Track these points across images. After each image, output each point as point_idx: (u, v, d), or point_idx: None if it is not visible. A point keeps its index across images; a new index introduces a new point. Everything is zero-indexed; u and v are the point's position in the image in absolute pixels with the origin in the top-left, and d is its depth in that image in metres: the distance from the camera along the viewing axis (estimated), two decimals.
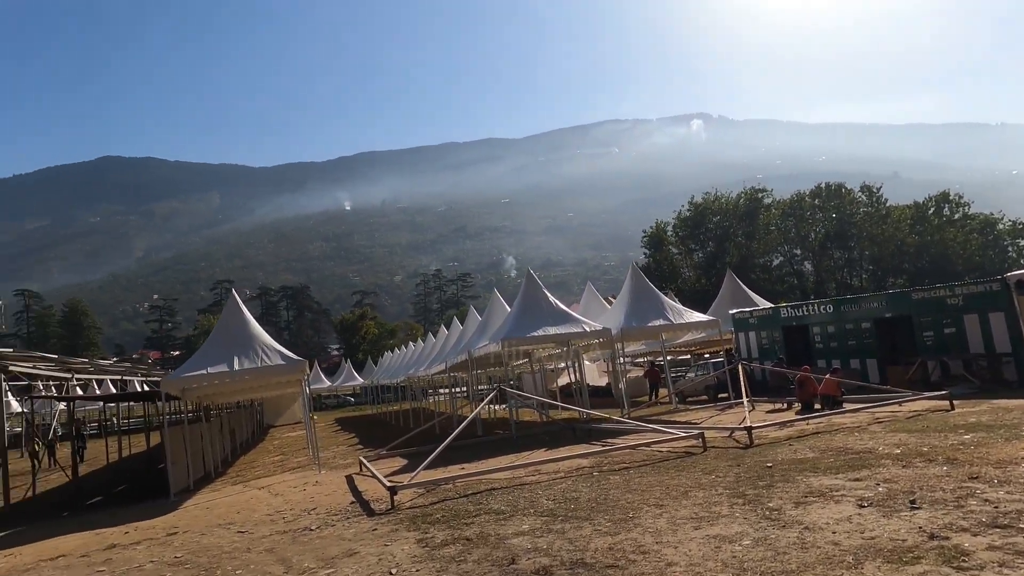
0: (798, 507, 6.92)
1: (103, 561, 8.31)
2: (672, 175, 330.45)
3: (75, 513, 13.08)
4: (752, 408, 17.91)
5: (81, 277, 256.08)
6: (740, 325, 23.54)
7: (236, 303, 16.88)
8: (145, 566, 7.85)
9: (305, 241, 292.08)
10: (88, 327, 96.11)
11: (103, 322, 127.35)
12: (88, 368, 21.52)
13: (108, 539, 9.62)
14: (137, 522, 10.77)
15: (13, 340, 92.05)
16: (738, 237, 59.99)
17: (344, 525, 8.92)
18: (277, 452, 23.59)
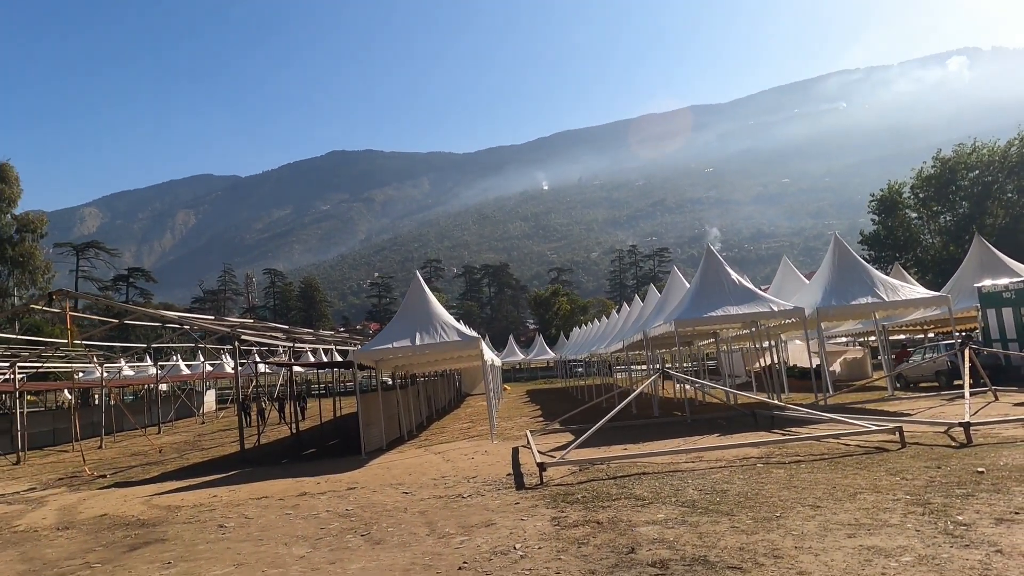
0: (999, 524, 5.72)
1: (292, 506, 9.78)
2: (921, 127, 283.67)
3: (292, 461, 15.51)
4: (994, 399, 15.00)
5: (316, 258, 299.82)
6: (990, 300, 19.47)
7: (419, 284, 18.39)
8: (321, 514, 9.07)
9: (506, 221, 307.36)
10: (320, 300, 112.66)
11: (333, 296, 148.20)
12: (310, 338, 25.26)
13: (303, 487, 11.27)
14: (330, 475, 12.45)
15: (263, 311, 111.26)
16: (1007, 193, 49.02)
17: (493, 496, 9.38)
18: (467, 420, 25.36)
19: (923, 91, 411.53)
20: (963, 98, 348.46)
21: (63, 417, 24.66)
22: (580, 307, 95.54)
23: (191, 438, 23.69)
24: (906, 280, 21.94)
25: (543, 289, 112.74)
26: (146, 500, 11.23)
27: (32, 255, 54.70)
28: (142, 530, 8.87)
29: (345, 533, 7.91)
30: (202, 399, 37.36)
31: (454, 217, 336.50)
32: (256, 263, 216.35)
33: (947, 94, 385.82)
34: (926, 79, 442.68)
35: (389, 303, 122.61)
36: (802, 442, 11.07)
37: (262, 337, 19.09)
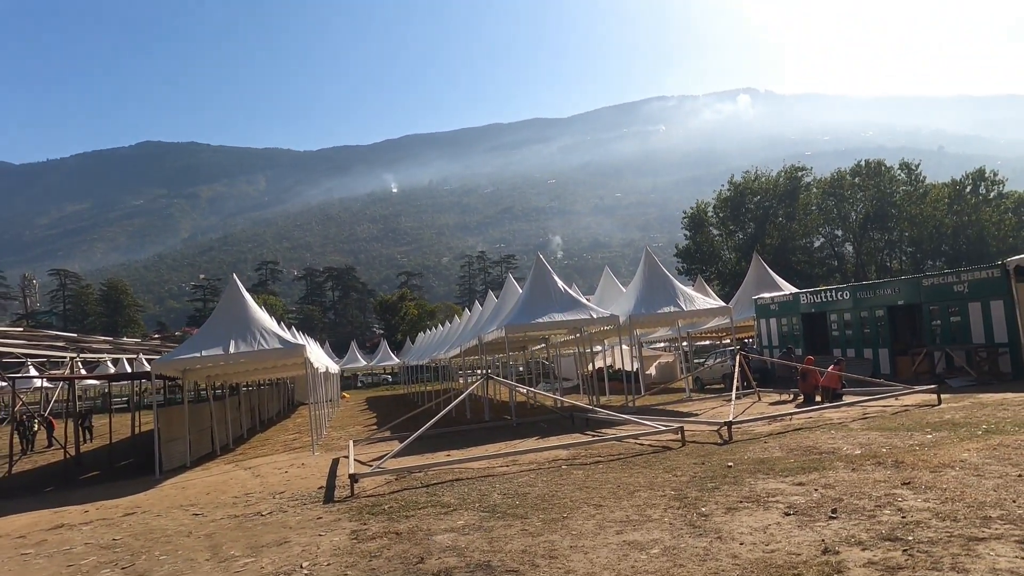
0: (727, 513, 6.61)
1: (36, 543, 8.38)
2: (723, 152, 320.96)
3: (62, 489, 13.57)
4: (758, 399, 17.32)
5: (126, 257, 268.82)
6: (762, 312, 22.67)
7: (237, 287, 17.14)
8: (76, 548, 7.95)
9: (353, 223, 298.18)
10: (128, 305, 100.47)
11: (148, 300, 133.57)
12: (107, 347, 22.46)
13: (62, 519, 9.84)
14: (106, 500, 11.06)
15: (48, 316, 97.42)
16: (778, 218, 57.83)
17: (296, 512, 8.90)
18: (294, 430, 24.08)
19: (721, 121, 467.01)
20: (749, 130, 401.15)
21: None
22: (428, 312, 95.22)
23: None
24: (706, 292, 24.78)
25: (391, 293, 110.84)
26: None
27: None
28: None
29: (100, 568, 6.99)
30: None
31: (295, 217, 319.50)
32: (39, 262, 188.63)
33: (738, 126, 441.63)
34: (724, 110, 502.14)
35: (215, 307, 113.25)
36: (606, 443, 11.85)
37: (32, 348, 16.50)
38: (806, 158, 67.62)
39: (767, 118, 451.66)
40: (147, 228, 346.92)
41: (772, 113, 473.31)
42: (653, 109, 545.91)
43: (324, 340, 64.04)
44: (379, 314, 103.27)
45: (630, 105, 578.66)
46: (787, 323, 21.91)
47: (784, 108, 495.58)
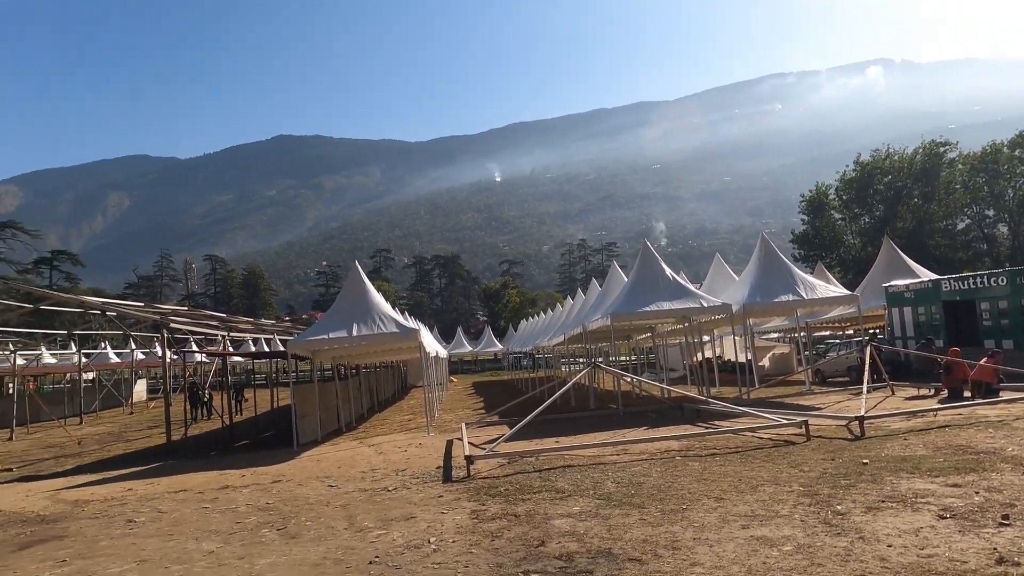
0: (867, 513, 6.18)
1: (211, 499, 9.52)
2: (846, 131, 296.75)
3: (222, 454, 15.08)
4: (891, 394, 16.02)
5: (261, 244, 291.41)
6: (894, 300, 20.74)
7: (359, 275, 18.11)
8: (240, 507, 8.86)
9: (458, 212, 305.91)
10: (264, 289, 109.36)
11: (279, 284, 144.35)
12: (250, 327, 24.54)
13: (227, 480, 10.98)
14: (257, 467, 12.16)
15: (203, 298, 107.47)
16: (913, 199, 52.35)
17: (418, 489, 9.35)
18: (409, 412, 25.20)
19: (846, 96, 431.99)
20: (880, 105, 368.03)
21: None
22: (529, 300, 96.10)
23: (116, 429, 22.72)
24: (827, 279, 23.09)
25: (494, 281, 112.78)
26: (51, 495, 10.71)
27: None
28: (39, 527, 8.46)
29: (261, 527, 7.75)
30: (131, 388, 35.82)
31: (405, 206, 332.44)
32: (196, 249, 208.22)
33: (867, 100, 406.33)
34: (849, 85, 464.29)
35: (336, 292, 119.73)
36: (720, 435, 11.48)
37: (196, 326, 18.41)
38: (948, 132, 60.17)
39: (901, 90, 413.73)
40: (279, 217, 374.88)
41: (907, 84, 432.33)
42: (768, 87, 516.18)
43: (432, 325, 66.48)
44: (483, 301, 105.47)
45: (742, 84, 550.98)
46: (925, 312, 19.93)
47: (923, 78, 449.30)
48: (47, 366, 34.31)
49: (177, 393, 24.97)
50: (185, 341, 23.20)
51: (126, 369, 37.78)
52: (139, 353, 38.56)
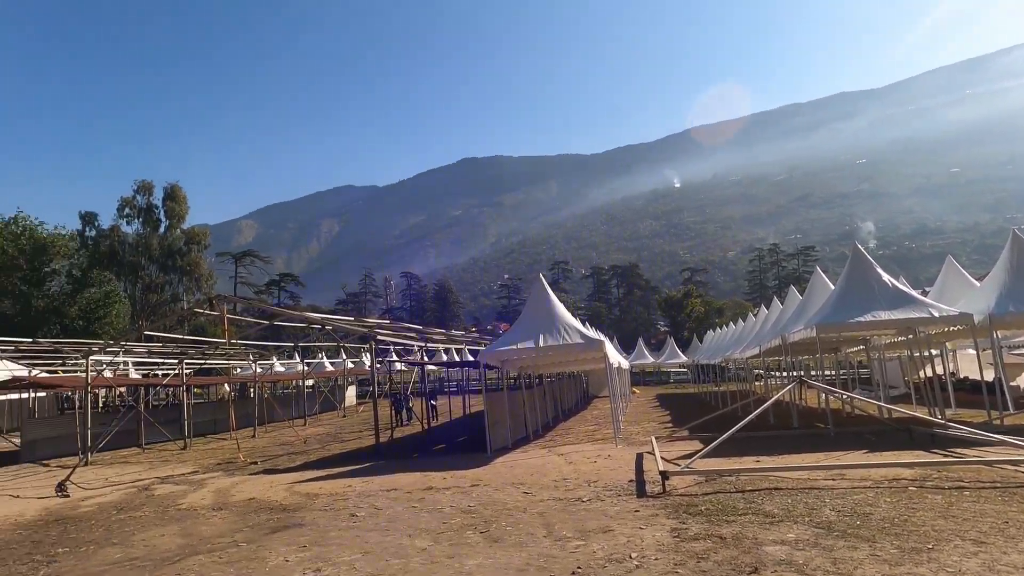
0: None
1: (419, 499, 10.27)
2: None
3: (423, 456, 16.29)
4: None
5: (449, 261, 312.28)
6: None
7: (543, 287, 18.60)
8: (445, 509, 9.44)
9: (635, 220, 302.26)
10: (453, 302, 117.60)
11: (465, 297, 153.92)
12: (442, 338, 26.36)
13: (430, 482, 11.79)
14: (455, 471, 12.92)
15: (400, 312, 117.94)
16: None
17: (613, 502, 9.25)
18: (593, 422, 25.17)
19: None
20: None
21: (222, 409, 27.66)
22: (715, 309, 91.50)
23: (332, 430, 25.63)
24: None
25: (675, 290, 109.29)
26: (289, 487, 12.31)
27: (198, 264, 62.04)
28: (283, 514, 9.74)
29: (465, 529, 8.18)
30: (343, 394, 40.27)
31: (581, 218, 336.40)
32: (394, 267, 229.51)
33: None
34: None
35: (518, 304, 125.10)
36: (968, 466, 9.82)
37: (397, 337, 20.28)
38: None
39: None
40: (464, 235, 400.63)
41: None
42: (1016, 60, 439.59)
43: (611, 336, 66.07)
44: (664, 311, 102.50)
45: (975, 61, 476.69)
46: None
47: None
48: (278, 374, 39.89)
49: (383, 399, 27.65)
50: (386, 351, 25.72)
51: (339, 376, 42.62)
52: (349, 362, 43.28)
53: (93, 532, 9.19)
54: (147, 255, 60.35)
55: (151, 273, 60.80)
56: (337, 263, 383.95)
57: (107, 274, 54.87)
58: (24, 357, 30.56)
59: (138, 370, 35.69)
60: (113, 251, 58.37)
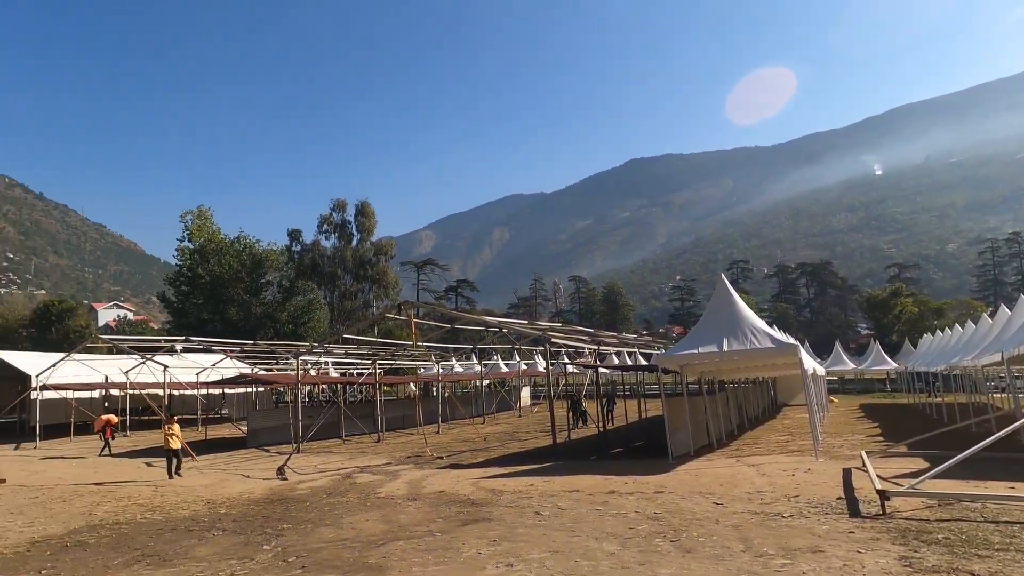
0: None
1: (602, 502, 10.13)
2: None
3: (600, 459, 16.16)
4: None
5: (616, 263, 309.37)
6: None
7: (726, 287, 17.59)
8: (629, 514, 9.20)
9: (826, 214, 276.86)
10: (623, 304, 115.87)
11: (635, 300, 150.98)
12: (614, 341, 26.07)
13: (611, 485, 11.60)
14: (636, 476, 12.59)
15: (569, 315, 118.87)
16: None
17: (820, 520, 8.39)
18: (784, 432, 23.36)
19: None
20: None
21: (409, 406, 29.82)
22: (932, 310, 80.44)
23: (510, 429, 26.43)
24: None
25: (879, 288, 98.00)
26: (474, 482, 12.82)
27: (385, 273, 67.85)
28: (472, 508, 10.13)
29: (654, 536, 7.88)
30: (518, 395, 41.51)
31: (762, 214, 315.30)
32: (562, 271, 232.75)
33: None
34: None
35: (692, 306, 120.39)
36: None
37: (569, 340, 20.40)
38: None
39: None
40: (632, 237, 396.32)
41: None
42: None
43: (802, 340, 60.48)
44: (866, 312, 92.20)
45: None
46: None
47: None
48: (457, 374, 42.24)
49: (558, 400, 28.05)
50: (557, 354, 25.92)
51: (513, 378, 44.05)
52: (523, 364, 44.54)
53: (309, 512, 10.29)
54: (342, 266, 67.17)
55: (346, 282, 67.56)
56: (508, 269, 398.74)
57: (310, 284, 62.10)
58: (248, 357, 35.61)
59: (336, 369, 39.85)
60: (314, 263, 65.78)
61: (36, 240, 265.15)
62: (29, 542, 8.99)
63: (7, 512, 11.38)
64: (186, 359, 29.77)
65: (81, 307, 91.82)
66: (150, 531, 9.39)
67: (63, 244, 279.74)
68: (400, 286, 73.32)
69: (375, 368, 28.02)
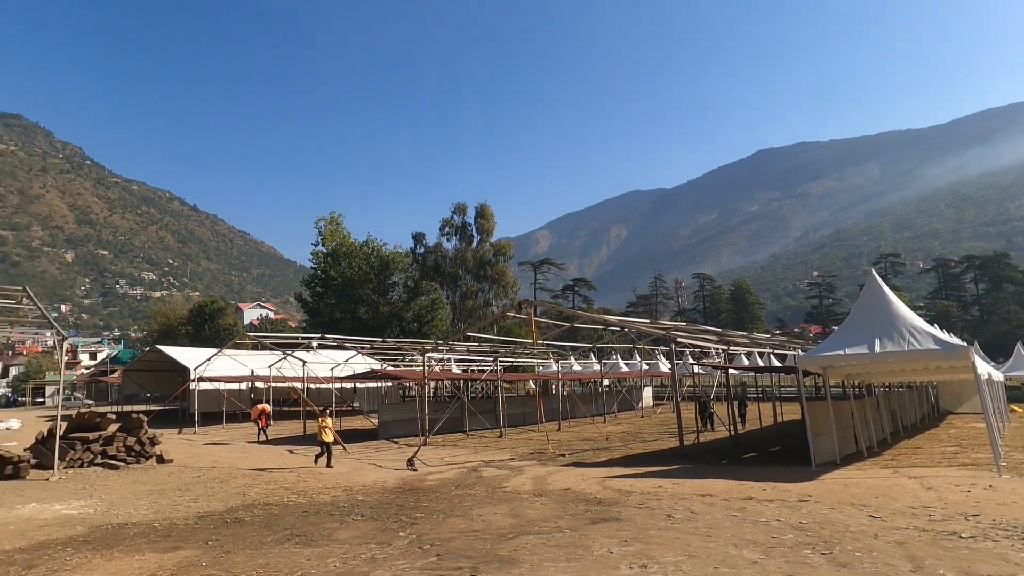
0: None
1: (738, 508, 9.61)
2: None
3: (731, 463, 15.40)
4: None
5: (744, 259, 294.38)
6: None
7: (876, 283, 16.14)
8: (771, 522, 8.64)
9: (1000, 200, 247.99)
10: (752, 303, 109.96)
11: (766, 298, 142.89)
12: (744, 341, 24.80)
13: (747, 491, 10.99)
14: (775, 483, 11.83)
15: (693, 313, 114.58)
16: None
17: (1012, 545, 7.42)
18: (950, 442, 21.12)
19: None
20: None
21: (529, 403, 30.07)
22: None
23: (632, 429, 25.90)
24: None
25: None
26: (600, 481, 12.65)
27: (503, 273, 69.13)
28: (599, 507, 9.98)
29: (801, 547, 7.35)
30: (640, 395, 40.66)
31: (916, 203, 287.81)
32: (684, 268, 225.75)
33: None
34: None
35: (832, 304, 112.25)
36: None
37: (695, 339, 19.62)
38: None
39: None
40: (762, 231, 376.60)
41: None
42: None
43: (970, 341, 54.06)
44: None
45: None
46: None
47: None
48: (576, 372, 42.12)
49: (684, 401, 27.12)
50: (682, 354, 24.95)
51: (634, 378, 43.21)
52: (644, 364, 43.59)
53: (439, 503, 10.62)
54: (463, 266, 69.23)
55: (466, 282, 69.57)
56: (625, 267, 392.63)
57: (433, 284, 64.62)
58: (377, 353, 37.61)
59: (458, 366, 41.10)
60: (437, 264, 68.30)
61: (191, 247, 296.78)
62: (196, 516, 9.99)
63: (176, 488, 12.73)
64: (321, 355, 31.94)
65: (229, 307, 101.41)
66: (296, 513, 10.11)
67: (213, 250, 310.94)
68: (518, 285, 74.34)
69: (496, 365, 28.56)
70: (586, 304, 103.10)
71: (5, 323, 20.01)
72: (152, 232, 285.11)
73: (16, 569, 7.25)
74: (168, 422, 30.18)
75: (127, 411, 28.37)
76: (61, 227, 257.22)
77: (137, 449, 17.02)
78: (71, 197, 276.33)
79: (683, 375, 30.39)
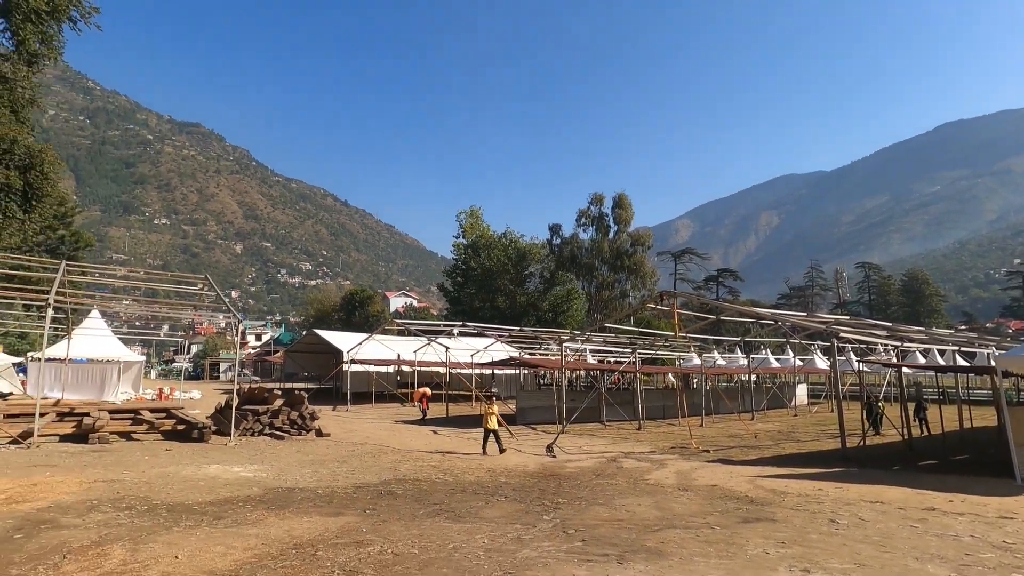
0: None
1: (918, 519, 8.74)
2: None
3: (905, 470, 14.02)
4: None
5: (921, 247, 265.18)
6: None
7: None
8: (963, 538, 7.80)
9: None
10: (930, 295, 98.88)
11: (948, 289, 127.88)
12: (921, 337, 22.44)
13: (929, 502, 9.94)
14: (965, 494, 10.61)
15: (856, 306, 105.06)
16: None
17: None
18: None
19: None
20: None
21: (670, 396, 29.26)
22: None
23: (784, 428, 24.35)
24: None
25: None
26: (750, 480, 12.04)
27: (642, 264, 67.76)
28: (751, 506, 9.50)
29: (1008, 570, 6.53)
30: (793, 392, 38.17)
31: None
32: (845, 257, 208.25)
33: None
34: None
35: None
36: None
37: (861, 334, 17.99)
38: None
39: None
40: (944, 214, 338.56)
41: None
42: None
43: None
44: None
45: None
46: None
47: None
48: (720, 367, 40.36)
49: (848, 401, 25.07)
50: (842, 350, 22.90)
51: (787, 374, 40.62)
52: (797, 360, 40.82)
53: (580, 491, 10.67)
54: (599, 257, 68.81)
55: (603, 273, 69.11)
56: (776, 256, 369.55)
57: (568, 275, 64.98)
58: (515, 341, 38.46)
59: (593, 356, 40.93)
60: (573, 255, 68.48)
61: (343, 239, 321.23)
62: (354, 486, 10.81)
63: (335, 460, 13.85)
64: (462, 342, 33.23)
65: (377, 295, 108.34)
66: (444, 490, 10.61)
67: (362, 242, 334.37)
68: (657, 276, 72.55)
69: (635, 357, 28.10)
70: (731, 296, 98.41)
71: (189, 306, 22.93)
72: (308, 226, 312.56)
73: (208, 518, 8.26)
74: (323, 399, 32.86)
75: (288, 388, 31.36)
76: (232, 222, 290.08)
77: (299, 423, 18.73)
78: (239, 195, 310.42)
79: (845, 372, 28.16)
